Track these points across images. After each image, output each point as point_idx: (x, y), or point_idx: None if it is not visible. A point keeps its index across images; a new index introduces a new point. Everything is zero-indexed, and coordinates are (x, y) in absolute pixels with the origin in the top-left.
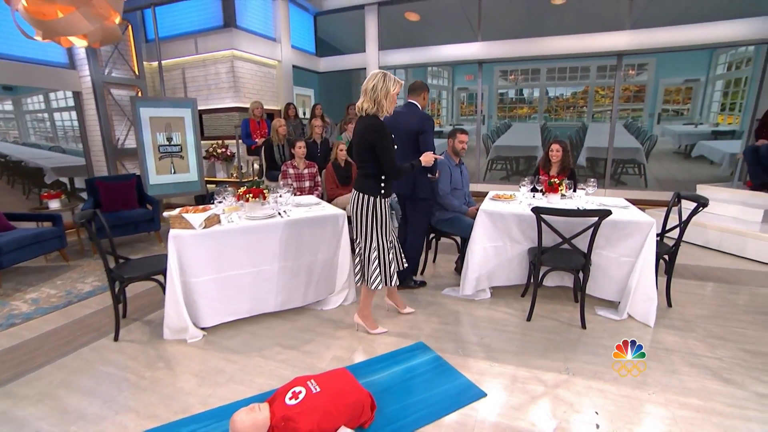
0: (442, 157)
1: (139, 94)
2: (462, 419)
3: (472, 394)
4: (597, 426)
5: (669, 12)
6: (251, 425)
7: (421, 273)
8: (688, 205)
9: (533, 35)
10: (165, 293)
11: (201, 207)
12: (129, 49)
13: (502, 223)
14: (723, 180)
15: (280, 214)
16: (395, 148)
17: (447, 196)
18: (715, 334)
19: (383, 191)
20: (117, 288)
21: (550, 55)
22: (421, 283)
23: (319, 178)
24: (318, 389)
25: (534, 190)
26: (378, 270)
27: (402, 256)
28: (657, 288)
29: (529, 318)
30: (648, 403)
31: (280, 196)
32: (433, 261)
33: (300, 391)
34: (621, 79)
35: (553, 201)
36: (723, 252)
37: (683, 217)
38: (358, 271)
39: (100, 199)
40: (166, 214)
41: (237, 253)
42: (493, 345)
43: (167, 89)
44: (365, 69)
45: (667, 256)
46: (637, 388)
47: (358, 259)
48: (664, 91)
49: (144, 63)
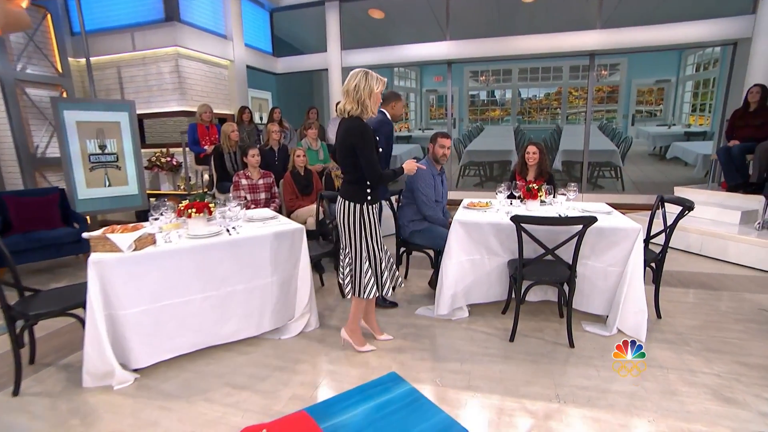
0: (423, 166)
1: (64, 95)
2: None
3: None
4: None
5: (638, 12)
6: None
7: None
8: (671, 209)
9: (504, 34)
10: (84, 331)
11: (131, 226)
12: (49, 41)
13: (479, 233)
14: (698, 181)
15: (228, 230)
16: (380, 151)
17: (432, 207)
18: (709, 346)
19: (370, 197)
20: (18, 328)
21: (522, 54)
22: (392, 304)
23: (276, 188)
24: None
25: (511, 196)
26: (373, 279)
27: (397, 272)
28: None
29: (512, 338)
30: None
31: (229, 210)
32: (405, 277)
33: None
34: (594, 80)
35: (533, 208)
36: (705, 256)
37: (668, 221)
38: (348, 284)
39: (10, 217)
40: (85, 234)
41: (177, 278)
42: (474, 371)
43: (100, 90)
44: (327, 70)
45: (654, 264)
46: (636, 416)
47: (348, 269)
48: (636, 91)
49: (70, 59)
